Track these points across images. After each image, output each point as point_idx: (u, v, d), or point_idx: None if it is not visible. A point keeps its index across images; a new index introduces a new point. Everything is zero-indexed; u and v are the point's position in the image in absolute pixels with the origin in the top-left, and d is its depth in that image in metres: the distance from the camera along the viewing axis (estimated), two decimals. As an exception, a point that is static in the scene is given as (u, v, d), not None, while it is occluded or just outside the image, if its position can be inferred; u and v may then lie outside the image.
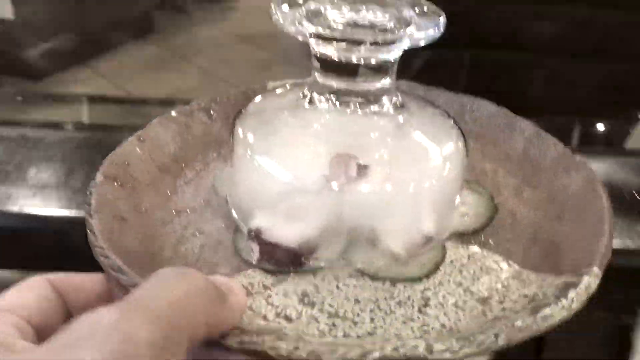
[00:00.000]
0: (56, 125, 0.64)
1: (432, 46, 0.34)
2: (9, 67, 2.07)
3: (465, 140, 0.36)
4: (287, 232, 0.33)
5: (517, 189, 0.40)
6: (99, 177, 0.36)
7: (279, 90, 0.37)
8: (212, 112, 0.44)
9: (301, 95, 0.35)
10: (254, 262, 0.33)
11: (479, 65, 1.40)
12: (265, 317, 0.30)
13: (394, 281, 0.32)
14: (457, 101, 0.47)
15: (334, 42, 0.31)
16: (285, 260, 0.32)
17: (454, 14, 0.36)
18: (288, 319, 0.30)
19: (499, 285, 0.32)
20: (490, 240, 0.35)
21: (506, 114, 0.45)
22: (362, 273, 0.32)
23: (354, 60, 0.32)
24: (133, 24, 2.38)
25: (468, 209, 0.38)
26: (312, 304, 0.30)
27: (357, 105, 0.34)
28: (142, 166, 0.39)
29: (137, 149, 0.40)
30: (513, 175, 0.41)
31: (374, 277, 0.32)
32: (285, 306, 0.30)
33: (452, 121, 0.37)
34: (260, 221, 0.34)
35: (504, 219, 0.37)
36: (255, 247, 0.33)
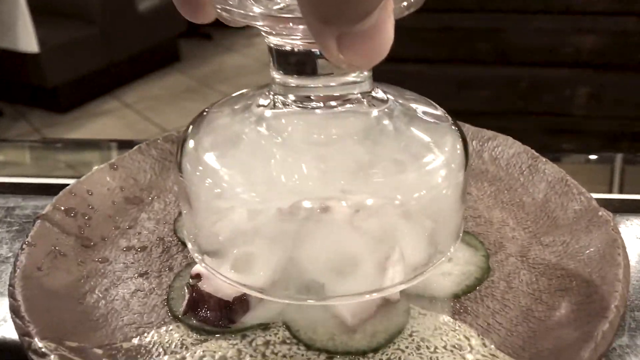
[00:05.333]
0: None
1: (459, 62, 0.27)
2: (35, 99, 2.14)
3: (467, 151, 0.28)
4: (225, 281, 0.29)
5: (525, 247, 0.33)
6: (47, 207, 0.34)
7: (235, 98, 0.31)
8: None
9: (256, 100, 0.29)
10: (179, 315, 0.29)
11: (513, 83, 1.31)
12: (166, 385, 0.26)
13: (332, 353, 0.27)
14: (478, 135, 0.41)
15: (282, 24, 0.25)
16: (212, 316, 0.28)
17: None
18: (191, 389, 0.25)
19: (462, 370, 0.26)
20: (468, 310, 0.29)
21: (531, 155, 0.38)
22: (298, 339, 0.28)
23: (308, 47, 0.26)
24: (158, 53, 2.41)
25: (453, 266, 0.32)
26: (226, 374, 0.26)
27: (323, 105, 0.27)
28: (107, 196, 0.37)
29: (107, 178, 0.37)
30: (524, 228, 0.34)
31: (310, 346, 0.27)
32: (195, 373, 0.26)
33: (450, 123, 0.29)
34: (204, 266, 0.30)
35: (496, 284, 0.31)
36: (187, 296, 0.29)
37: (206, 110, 0.30)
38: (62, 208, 0.34)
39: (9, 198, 0.40)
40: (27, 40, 2.11)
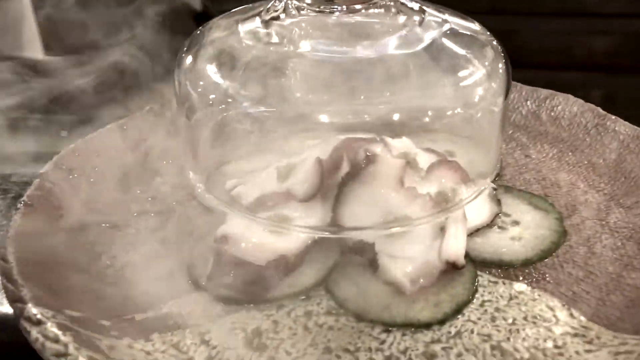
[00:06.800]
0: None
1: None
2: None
3: (509, 73, 0.25)
4: (258, 244, 0.25)
5: (602, 210, 0.28)
6: (48, 165, 0.29)
7: (237, 11, 0.27)
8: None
9: (264, 8, 0.25)
10: (202, 283, 0.24)
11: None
12: (190, 361, 0.21)
13: (389, 325, 0.22)
14: (533, 95, 0.36)
15: None
16: (242, 283, 0.24)
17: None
18: (220, 366, 0.21)
19: (550, 344, 0.21)
20: (547, 277, 0.24)
21: (597, 113, 0.34)
22: (346, 309, 0.23)
23: None
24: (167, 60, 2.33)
25: (523, 230, 0.27)
26: (261, 349, 0.21)
27: (346, 10, 0.24)
28: (115, 158, 0.32)
29: (116, 139, 0.33)
30: (598, 190, 0.30)
31: (361, 317, 0.22)
32: (224, 348, 0.21)
33: (490, 38, 0.26)
34: (230, 227, 0.26)
35: (575, 250, 0.26)
36: (211, 262, 0.25)
37: (202, 26, 0.25)
38: (64, 167, 0.30)
39: (6, 165, 0.35)
40: (32, 47, 2.09)
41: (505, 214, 0.28)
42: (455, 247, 0.24)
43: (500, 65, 0.25)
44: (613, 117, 0.33)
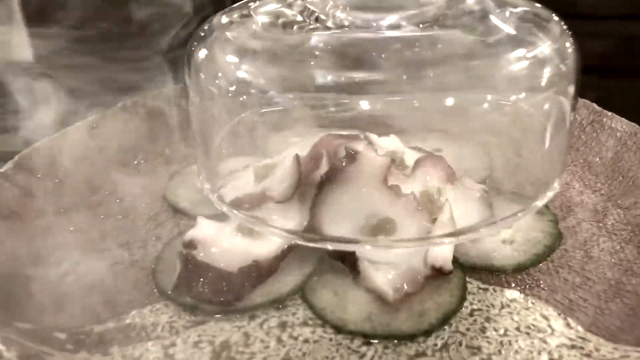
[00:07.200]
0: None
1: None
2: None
3: (578, 58, 0.21)
4: (229, 249, 0.23)
5: (599, 212, 0.27)
6: (7, 165, 0.27)
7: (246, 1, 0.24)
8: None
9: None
10: (169, 291, 0.22)
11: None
12: (149, 378, 0.19)
13: (369, 337, 0.20)
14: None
15: None
16: (211, 292, 0.22)
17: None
18: (183, 384, 0.19)
19: (545, 357, 0.19)
20: (541, 284, 0.23)
21: (593, 109, 0.32)
22: (324, 320, 0.21)
23: None
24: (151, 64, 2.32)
25: (515, 233, 0.25)
26: (229, 364, 0.19)
27: None
28: (84, 158, 0.30)
29: (85, 137, 0.31)
30: (595, 190, 0.28)
31: (339, 328, 0.21)
32: (188, 363, 0.19)
33: (552, 14, 0.22)
34: (199, 231, 0.24)
35: (571, 254, 0.24)
36: (178, 268, 0.23)
37: (210, 19, 0.24)
38: (26, 167, 0.28)
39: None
40: (21, 49, 2.06)
41: (497, 215, 0.26)
42: (441, 251, 0.22)
43: (567, 45, 0.21)
44: (609, 113, 0.31)
